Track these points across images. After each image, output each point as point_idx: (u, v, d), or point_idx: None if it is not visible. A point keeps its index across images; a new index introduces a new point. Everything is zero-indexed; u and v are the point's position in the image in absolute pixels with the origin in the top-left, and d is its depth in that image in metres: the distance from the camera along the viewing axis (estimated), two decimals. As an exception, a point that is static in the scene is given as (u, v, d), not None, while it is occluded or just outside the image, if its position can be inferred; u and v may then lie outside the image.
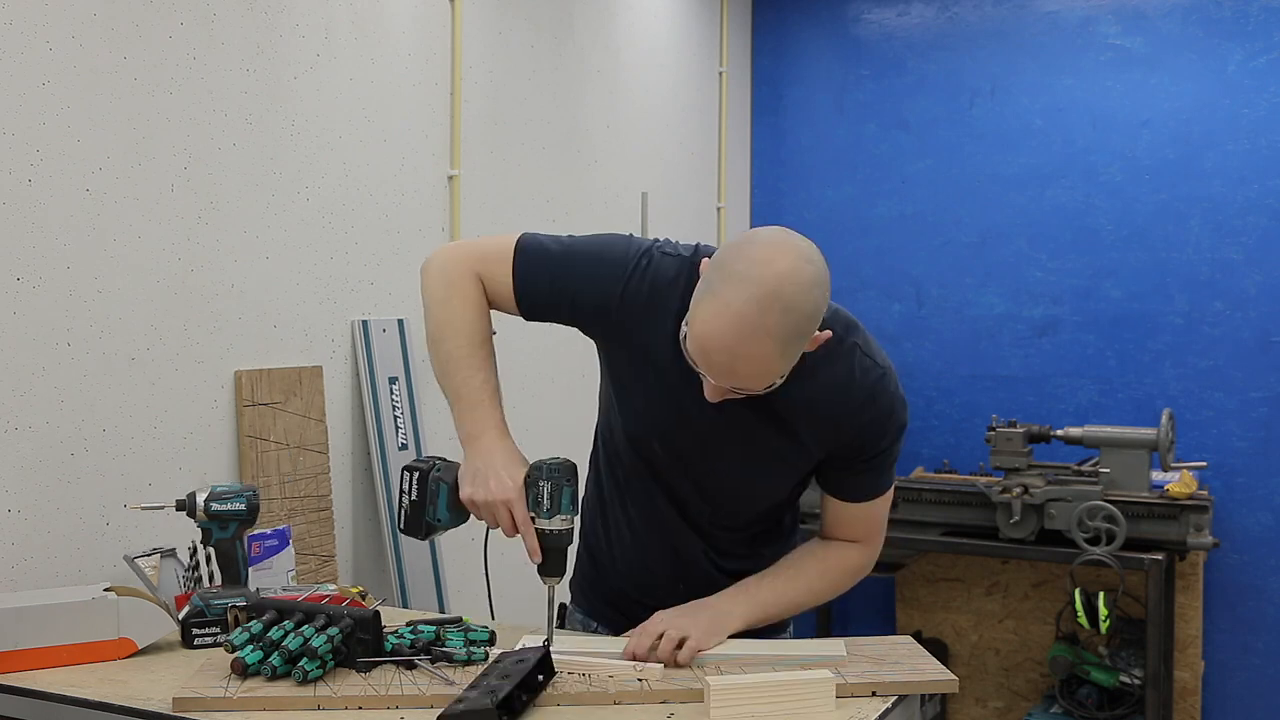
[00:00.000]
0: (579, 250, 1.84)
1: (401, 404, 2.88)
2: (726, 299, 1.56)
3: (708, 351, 1.60)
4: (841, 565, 1.90)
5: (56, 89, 2.09)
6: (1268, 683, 4.07)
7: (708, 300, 1.59)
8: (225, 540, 1.95)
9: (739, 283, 1.56)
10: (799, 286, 1.57)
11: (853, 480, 1.86)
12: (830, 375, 1.76)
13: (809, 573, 1.88)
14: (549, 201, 3.52)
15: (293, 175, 2.61)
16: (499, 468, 1.74)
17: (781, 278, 1.56)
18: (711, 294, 1.59)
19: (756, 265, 1.57)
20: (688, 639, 1.72)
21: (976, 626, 4.24)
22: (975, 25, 4.44)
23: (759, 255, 1.58)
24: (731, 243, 1.64)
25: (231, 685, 1.62)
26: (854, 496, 1.88)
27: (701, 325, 1.59)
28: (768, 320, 1.55)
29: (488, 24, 3.24)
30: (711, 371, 1.63)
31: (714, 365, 1.61)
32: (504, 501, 1.73)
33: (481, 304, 1.85)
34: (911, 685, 1.71)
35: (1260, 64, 4.01)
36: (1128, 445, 3.67)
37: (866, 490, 1.87)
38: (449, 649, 1.73)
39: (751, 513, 1.92)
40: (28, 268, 2.05)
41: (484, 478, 1.74)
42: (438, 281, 1.87)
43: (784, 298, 1.56)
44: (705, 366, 1.63)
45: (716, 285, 1.59)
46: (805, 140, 4.74)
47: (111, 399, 2.20)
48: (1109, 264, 4.23)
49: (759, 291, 1.55)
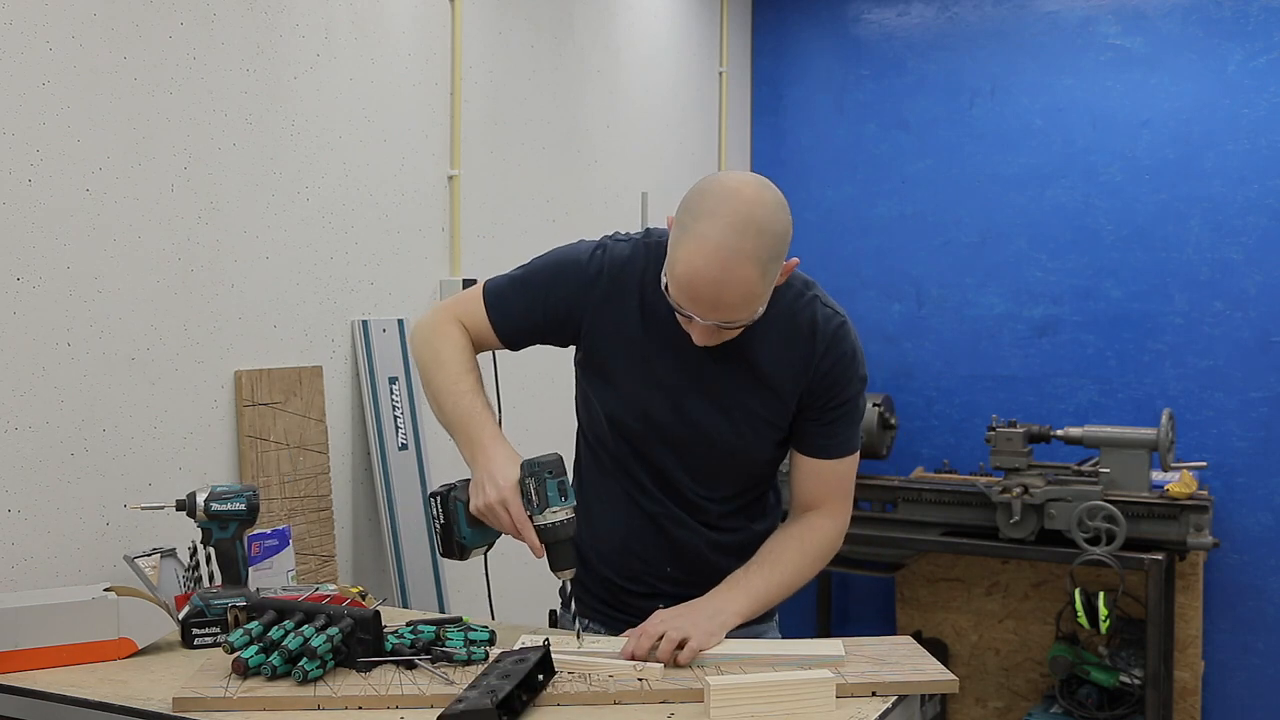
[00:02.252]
0: (538, 270, 1.97)
1: (401, 404, 2.88)
2: (703, 233, 1.67)
3: (694, 285, 1.69)
4: (818, 540, 1.95)
5: (56, 89, 2.09)
6: (1268, 683, 4.07)
7: (684, 240, 1.69)
8: (225, 540, 1.95)
9: (711, 216, 1.67)
10: (768, 209, 1.69)
11: (822, 432, 1.93)
12: (794, 324, 1.87)
13: (790, 555, 1.93)
14: (549, 201, 3.52)
15: (293, 175, 2.61)
16: (493, 472, 1.81)
17: (751, 203, 1.68)
18: (686, 233, 1.69)
19: (725, 198, 1.68)
20: (688, 640, 1.73)
21: (976, 626, 4.24)
22: (975, 25, 4.44)
23: (724, 189, 1.70)
24: (692, 190, 1.75)
25: (231, 685, 1.62)
26: (824, 452, 1.94)
27: (684, 264, 1.69)
28: (746, 244, 1.66)
29: (488, 24, 3.24)
30: (698, 307, 1.71)
31: (701, 299, 1.70)
32: (500, 503, 1.78)
33: (461, 339, 1.97)
34: (911, 685, 1.71)
35: (1260, 64, 4.01)
36: (1128, 445, 3.67)
37: (836, 444, 1.94)
38: (449, 649, 1.73)
39: (737, 477, 1.98)
40: (28, 268, 2.05)
41: (482, 485, 1.81)
42: (422, 337, 2.00)
43: (757, 220, 1.67)
44: (692, 303, 1.71)
45: (689, 224, 1.69)
46: (805, 140, 4.74)
47: (111, 399, 2.20)
48: (1109, 264, 4.23)
49: (733, 219, 1.66)
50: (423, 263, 3.02)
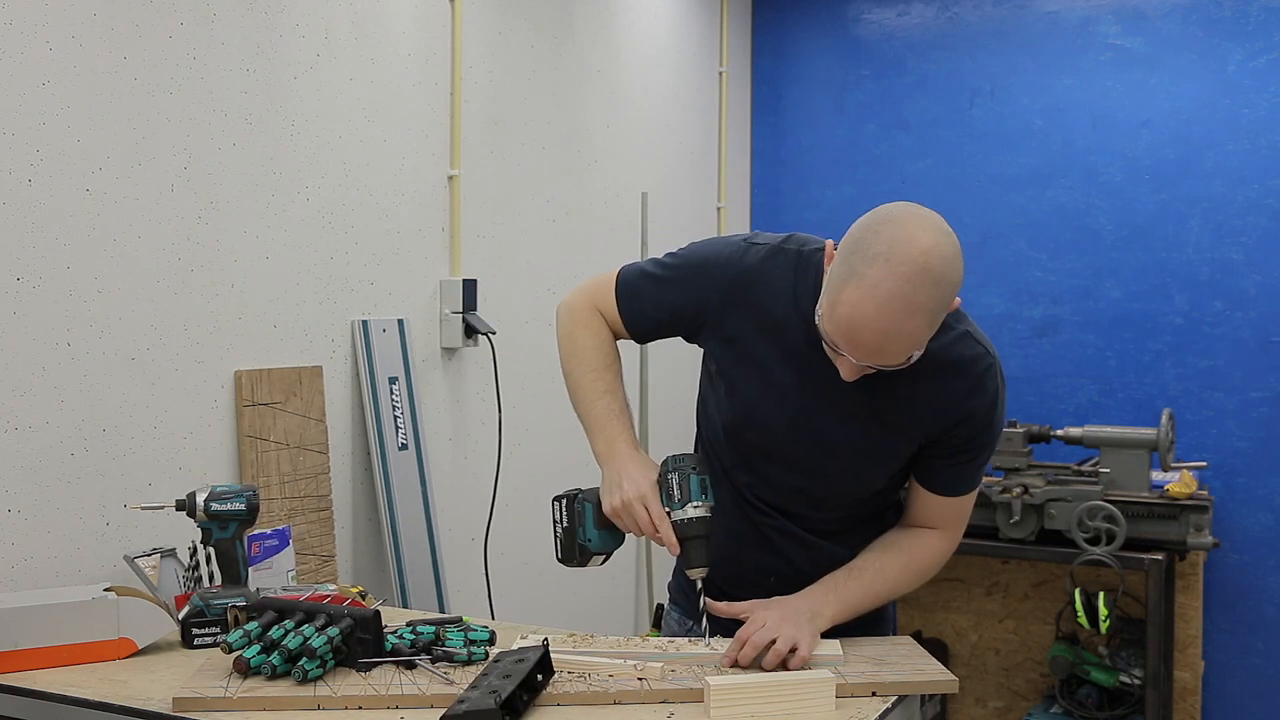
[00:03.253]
0: (672, 265, 1.93)
1: (401, 404, 2.88)
2: (875, 279, 1.58)
3: (857, 332, 1.62)
4: (925, 557, 1.91)
5: (56, 89, 2.09)
6: (1268, 683, 4.07)
7: (853, 284, 1.60)
8: (225, 540, 1.95)
9: (885, 262, 1.58)
10: (944, 260, 1.60)
11: (948, 472, 1.88)
12: (939, 360, 1.77)
13: (893, 567, 1.88)
14: (549, 201, 3.52)
15: (293, 175, 2.61)
16: (630, 472, 1.81)
17: (928, 253, 1.59)
18: (856, 277, 1.60)
19: (900, 244, 1.59)
20: (797, 648, 1.71)
21: (976, 626, 4.24)
22: (975, 25, 4.44)
23: (900, 234, 1.60)
24: (863, 225, 1.66)
25: (231, 685, 1.62)
26: (946, 490, 1.89)
27: (850, 308, 1.61)
28: (919, 296, 1.58)
29: (488, 24, 3.24)
30: (857, 351, 1.64)
31: (862, 345, 1.63)
32: (638, 498, 1.78)
33: (603, 332, 1.95)
34: (911, 685, 1.71)
35: (1260, 64, 4.01)
36: (1128, 445, 3.66)
37: (960, 485, 1.89)
38: (449, 649, 1.73)
39: (850, 499, 1.92)
40: (28, 268, 2.05)
41: (618, 485, 1.80)
42: (565, 320, 2.00)
43: (933, 272, 1.59)
44: (851, 347, 1.64)
45: (860, 268, 1.60)
46: (805, 140, 4.73)
47: (111, 399, 2.20)
48: (1109, 264, 4.23)
49: (908, 269, 1.57)
50: (423, 263, 3.02)
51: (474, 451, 3.21)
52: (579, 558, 1.87)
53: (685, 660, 1.75)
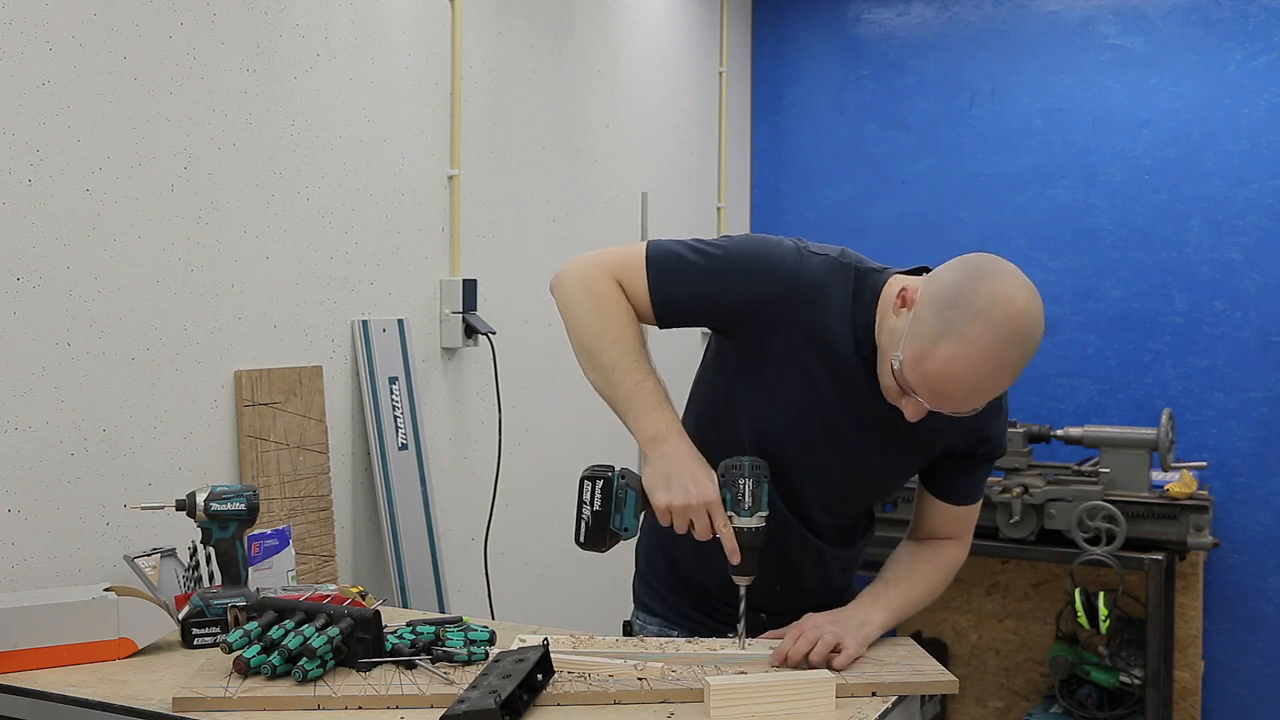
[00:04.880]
0: (719, 256, 1.82)
1: (401, 404, 2.88)
2: (973, 338, 1.60)
3: (946, 386, 1.64)
4: (947, 565, 1.96)
5: (56, 89, 2.09)
6: (1268, 683, 4.07)
7: (950, 340, 1.62)
8: (225, 540, 1.95)
9: (984, 322, 1.60)
10: (1037, 320, 1.64)
11: (964, 482, 1.94)
12: None
13: (924, 576, 1.93)
14: (549, 201, 3.52)
15: (293, 175, 2.61)
16: (695, 471, 1.73)
17: (1024, 313, 1.62)
18: (954, 334, 1.62)
19: (1000, 303, 1.61)
20: (844, 648, 1.73)
21: (976, 626, 4.24)
22: (975, 25, 4.44)
23: (999, 292, 1.62)
24: (957, 278, 1.66)
25: (231, 685, 1.62)
26: (962, 499, 1.95)
27: (944, 363, 1.62)
28: (1012, 355, 1.62)
29: (488, 24, 3.24)
30: (938, 402, 1.67)
31: (946, 398, 1.66)
32: (705, 504, 1.71)
33: (631, 311, 1.82)
34: (911, 685, 1.71)
35: (1260, 64, 4.01)
36: (1128, 445, 3.66)
37: (973, 494, 1.96)
38: (449, 649, 1.73)
39: (863, 507, 2.01)
40: (28, 268, 2.05)
41: (682, 483, 1.72)
42: (581, 292, 1.83)
43: (1027, 334, 1.63)
44: (934, 399, 1.67)
45: (958, 324, 1.61)
46: (805, 140, 4.73)
47: (111, 399, 2.20)
48: (1109, 264, 4.23)
49: (1009, 330, 1.61)
50: (423, 263, 3.02)
51: (474, 451, 3.21)
52: (607, 543, 1.76)
53: (685, 660, 1.75)
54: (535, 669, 1.61)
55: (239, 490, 1.96)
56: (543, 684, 1.63)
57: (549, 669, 1.65)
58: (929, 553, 1.96)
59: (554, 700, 1.62)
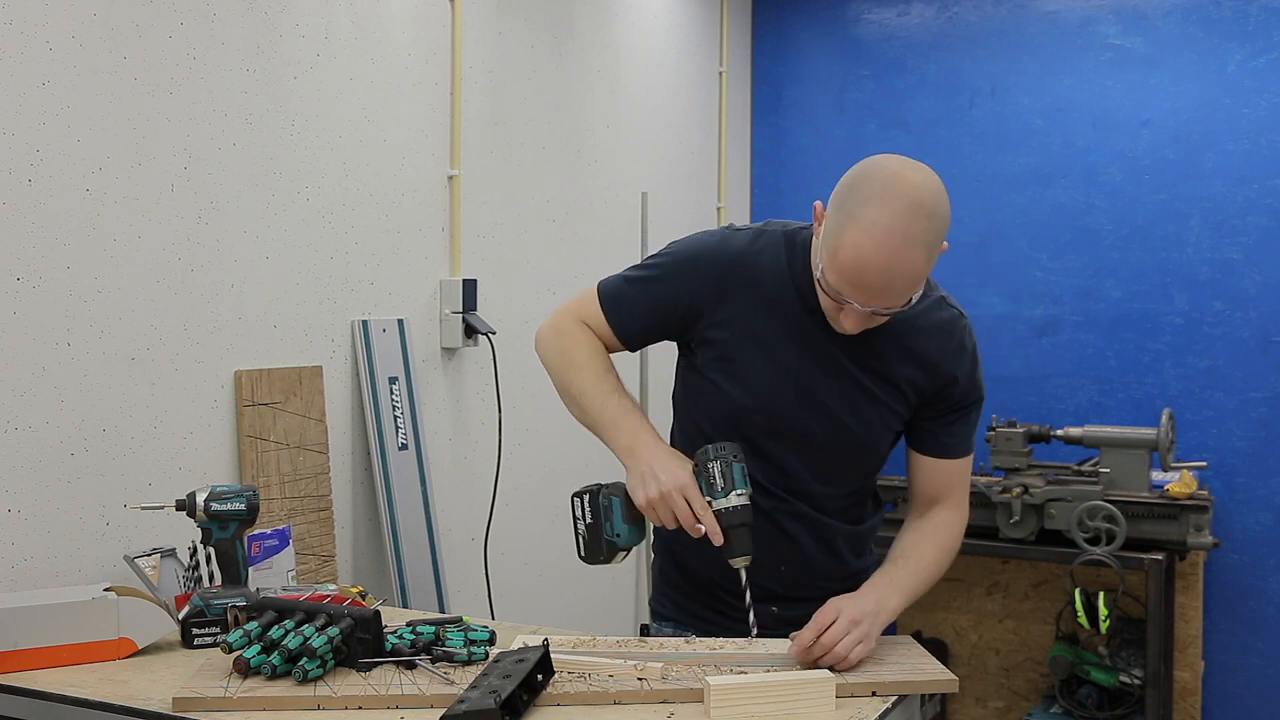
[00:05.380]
0: (655, 267, 1.96)
1: (401, 404, 2.88)
2: (871, 218, 1.66)
3: (862, 272, 1.68)
4: (949, 534, 1.99)
5: (56, 89, 2.09)
6: (1268, 683, 4.07)
7: (851, 226, 1.68)
8: (225, 540, 1.95)
9: (879, 201, 1.66)
10: (934, 194, 1.69)
11: (948, 432, 1.96)
12: (926, 322, 1.89)
13: (930, 551, 1.95)
14: (549, 201, 3.52)
15: (293, 175, 2.61)
16: (665, 463, 1.78)
17: (918, 187, 1.68)
18: (852, 219, 1.68)
19: (891, 182, 1.68)
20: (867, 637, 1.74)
21: (976, 626, 4.24)
22: (975, 25, 4.44)
23: (887, 174, 1.69)
24: (850, 175, 1.75)
25: (231, 685, 1.62)
26: (949, 451, 1.96)
27: (851, 249, 1.67)
28: (915, 228, 1.66)
29: (488, 24, 3.24)
30: (862, 294, 1.70)
31: (866, 286, 1.69)
32: (678, 489, 1.75)
33: (593, 340, 1.96)
34: (911, 685, 1.71)
35: (1260, 64, 4.01)
36: (1128, 445, 3.66)
37: (960, 444, 1.97)
38: (449, 649, 1.73)
39: (854, 470, 2.00)
40: (28, 268, 2.05)
41: (654, 474, 1.77)
42: (550, 338, 2.00)
43: (926, 205, 1.67)
44: (856, 289, 1.70)
45: (855, 211, 1.68)
46: (805, 140, 4.73)
47: (111, 399, 2.20)
48: (1109, 264, 4.23)
49: (904, 204, 1.66)
50: (423, 263, 3.02)
51: (474, 451, 3.21)
52: (605, 554, 1.82)
53: (685, 660, 1.75)
54: (535, 669, 1.61)
55: (239, 490, 1.96)
56: (543, 684, 1.63)
57: (549, 669, 1.65)
58: (929, 525, 1.97)
59: (554, 700, 1.62)
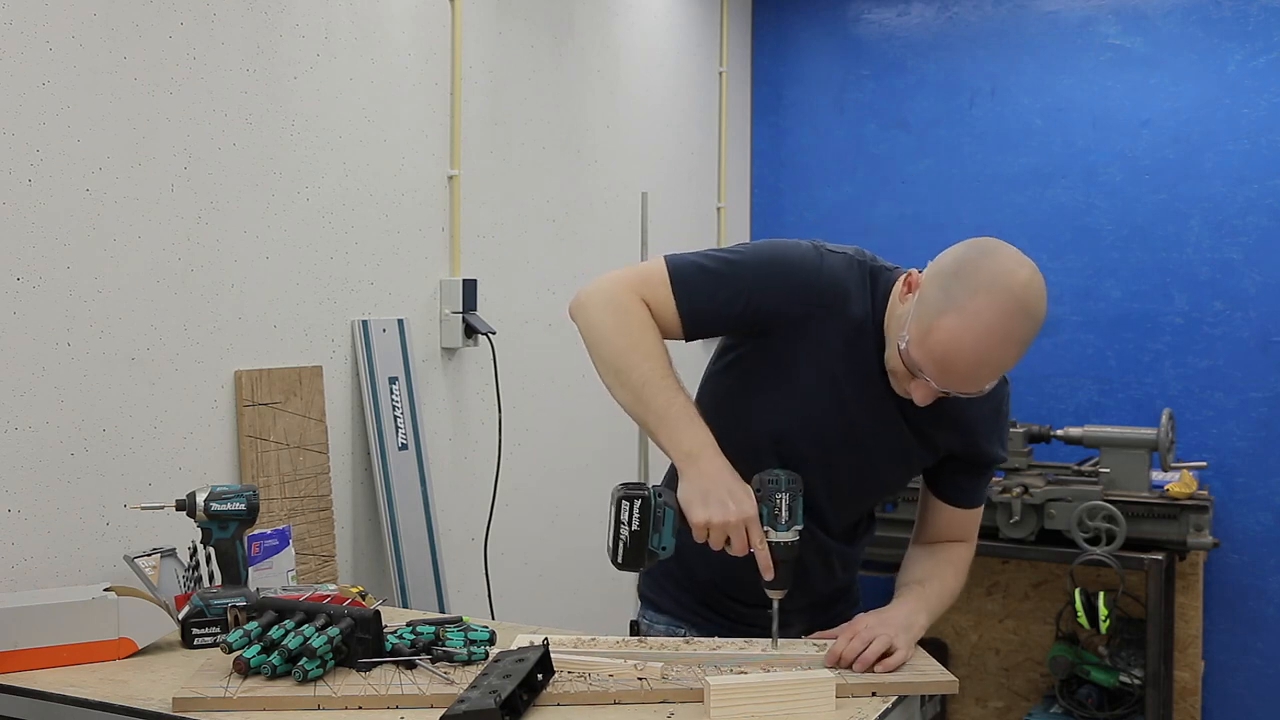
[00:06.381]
0: (741, 263, 1.83)
1: (401, 404, 2.88)
2: (975, 310, 1.64)
3: (951, 361, 1.67)
4: (963, 564, 2.03)
5: (56, 89, 2.09)
6: (1268, 683, 4.07)
7: (953, 313, 1.66)
8: (225, 540, 1.95)
9: (986, 294, 1.65)
10: (1039, 295, 1.68)
11: (973, 485, 1.99)
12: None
13: (949, 576, 1.99)
14: (549, 201, 3.52)
15: (293, 175, 2.61)
16: (732, 487, 1.71)
17: (1026, 288, 1.66)
18: (955, 305, 1.66)
19: (1001, 276, 1.66)
20: (896, 648, 1.75)
21: (976, 626, 4.24)
22: (975, 25, 4.44)
23: (1000, 267, 1.67)
24: (959, 256, 1.72)
25: (231, 685, 1.62)
26: (971, 502, 1.99)
27: (948, 336, 1.66)
28: (1018, 329, 1.65)
29: (488, 24, 3.24)
30: (944, 378, 1.69)
31: (952, 373, 1.68)
32: (744, 520, 1.70)
33: (657, 328, 1.82)
34: (911, 685, 1.71)
35: (1260, 64, 4.01)
36: (1128, 445, 3.66)
37: (981, 495, 2.02)
38: (449, 649, 1.73)
39: (866, 504, 2.03)
40: (28, 268, 2.05)
41: (720, 499, 1.70)
42: (606, 310, 1.82)
43: (1031, 306, 1.66)
44: (940, 374, 1.69)
45: (960, 298, 1.66)
46: (805, 140, 4.73)
47: (111, 399, 2.20)
48: (1109, 264, 4.23)
49: (1012, 304, 1.64)
50: (423, 263, 3.02)
51: (474, 451, 3.21)
52: (646, 562, 1.73)
53: (685, 660, 1.75)
54: (535, 669, 1.61)
55: (239, 490, 1.96)
56: (543, 684, 1.63)
57: (549, 669, 1.65)
58: (948, 553, 2.00)
59: (554, 700, 1.62)
